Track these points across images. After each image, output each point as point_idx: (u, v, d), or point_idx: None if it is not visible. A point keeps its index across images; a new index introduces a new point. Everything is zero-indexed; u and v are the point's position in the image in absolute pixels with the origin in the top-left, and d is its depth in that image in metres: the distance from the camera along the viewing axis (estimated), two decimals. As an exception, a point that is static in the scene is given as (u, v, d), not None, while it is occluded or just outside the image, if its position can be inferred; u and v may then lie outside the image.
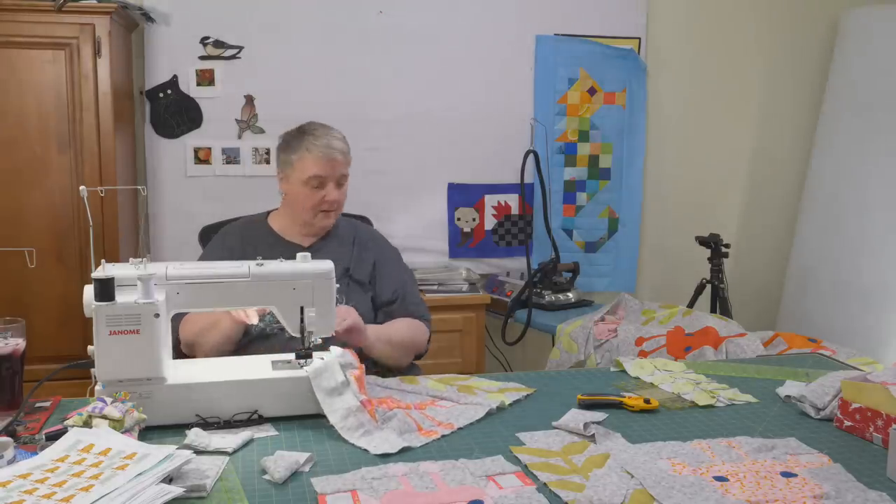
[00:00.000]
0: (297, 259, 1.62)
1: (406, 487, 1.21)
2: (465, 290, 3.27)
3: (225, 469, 1.27)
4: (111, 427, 1.30)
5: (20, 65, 2.67)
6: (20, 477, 1.15)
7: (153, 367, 1.44)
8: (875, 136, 3.38)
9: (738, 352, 2.28)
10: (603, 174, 3.64)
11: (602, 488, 1.21)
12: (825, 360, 2.01)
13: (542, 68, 3.50)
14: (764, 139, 3.85)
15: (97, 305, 1.41)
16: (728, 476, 1.26)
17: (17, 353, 1.49)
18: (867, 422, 1.43)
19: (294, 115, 3.20)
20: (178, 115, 3.17)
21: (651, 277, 3.78)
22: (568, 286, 3.34)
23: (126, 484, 1.12)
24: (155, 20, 3.09)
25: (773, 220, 3.90)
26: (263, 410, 1.49)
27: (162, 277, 1.51)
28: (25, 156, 2.71)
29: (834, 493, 1.20)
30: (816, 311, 3.48)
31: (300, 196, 2.06)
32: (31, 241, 2.63)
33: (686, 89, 3.71)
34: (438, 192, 3.49)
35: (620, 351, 2.57)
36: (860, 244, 3.38)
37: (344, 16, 3.28)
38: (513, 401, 1.63)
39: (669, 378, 1.77)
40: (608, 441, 1.40)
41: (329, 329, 1.64)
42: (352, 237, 2.18)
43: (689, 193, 3.79)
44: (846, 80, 3.53)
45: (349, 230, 2.21)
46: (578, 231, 3.66)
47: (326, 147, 2.04)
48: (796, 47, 3.79)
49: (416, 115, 3.40)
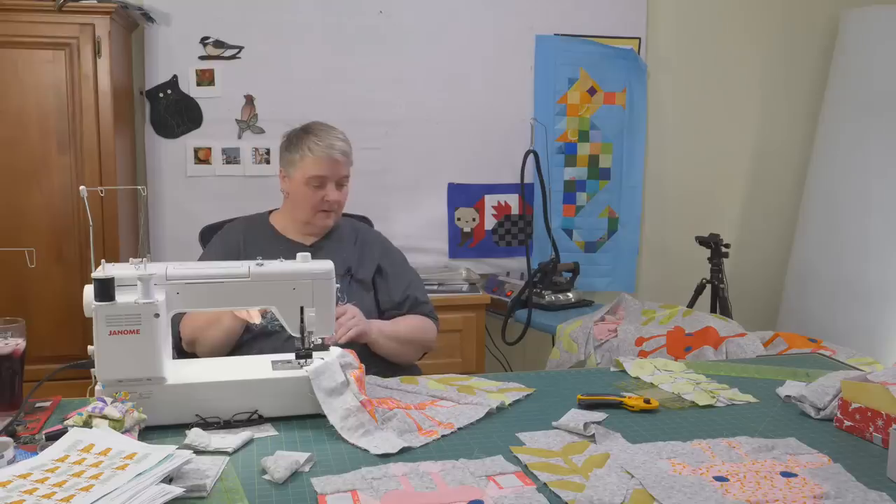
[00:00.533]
0: (297, 259, 1.62)
1: (406, 487, 1.21)
2: (465, 290, 3.27)
3: (225, 469, 1.27)
4: (111, 427, 1.30)
5: (20, 65, 2.67)
6: (20, 477, 1.15)
7: (153, 367, 1.44)
8: (875, 135, 3.38)
9: (738, 352, 2.28)
10: (603, 174, 3.64)
11: (602, 488, 1.21)
12: (825, 360, 2.01)
13: (542, 68, 3.50)
14: (764, 139, 3.85)
15: (97, 305, 1.41)
16: (728, 476, 1.26)
17: (17, 353, 1.49)
18: (867, 422, 1.43)
19: (294, 115, 3.21)
20: (178, 115, 3.17)
21: (651, 277, 3.78)
22: (568, 286, 3.34)
23: (126, 484, 1.12)
24: (155, 20, 3.09)
25: (773, 219, 3.90)
26: (263, 410, 1.49)
27: (162, 277, 1.51)
28: (25, 156, 2.71)
29: (834, 493, 1.20)
30: (816, 311, 3.48)
31: (301, 195, 2.08)
32: (31, 241, 2.63)
33: (686, 89, 3.71)
34: (438, 192, 3.49)
35: (620, 351, 2.57)
36: (860, 244, 3.38)
37: (344, 16, 3.28)
38: (513, 401, 1.63)
39: (669, 378, 1.77)
40: (608, 441, 1.40)
41: (329, 329, 1.64)
42: (354, 237, 2.19)
43: (689, 193, 3.79)
44: (846, 80, 3.53)
45: (351, 230, 2.22)
46: (578, 231, 3.66)
47: (328, 148, 2.06)
48: (796, 47, 3.79)
49: (416, 115, 3.40)
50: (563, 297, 3.27)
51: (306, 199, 2.07)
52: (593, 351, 2.69)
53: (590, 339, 2.72)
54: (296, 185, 2.08)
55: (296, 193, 2.09)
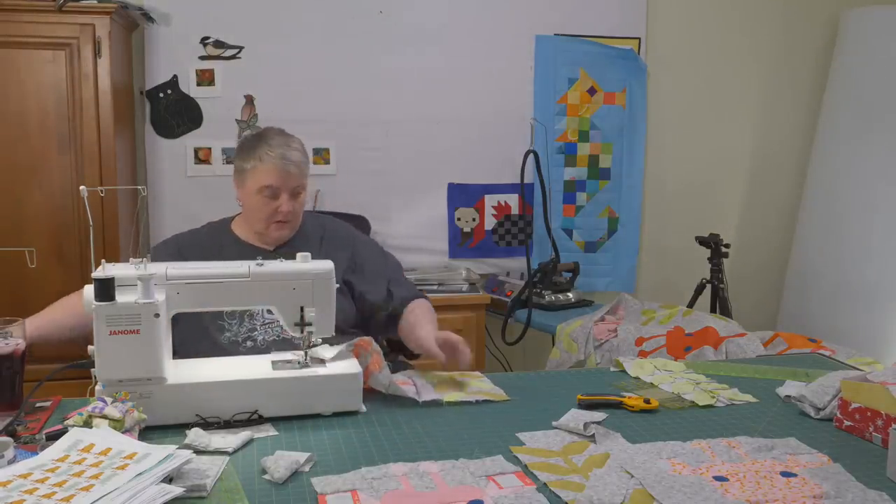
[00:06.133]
0: (297, 259, 1.63)
1: (406, 487, 1.21)
2: (465, 290, 3.27)
3: (225, 469, 1.27)
4: (111, 427, 1.30)
5: (20, 65, 2.67)
6: (20, 477, 1.15)
7: (153, 367, 1.44)
8: (875, 135, 3.38)
9: (738, 352, 2.28)
10: (603, 174, 3.64)
11: (602, 488, 1.21)
12: (825, 360, 2.01)
13: (542, 68, 3.50)
14: (764, 139, 3.85)
15: (97, 305, 1.41)
16: (728, 476, 1.26)
17: (17, 353, 1.49)
18: (867, 422, 1.43)
19: (294, 115, 3.25)
20: (178, 115, 3.18)
21: (651, 277, 3.78)
22: (568, 286, 3.34)
23: (126, 484, 1.12)
24: (155, 20, 3.09)
25: (773, 220, 3.90)
26: (263, 410, 1.49)
27: (162, 277, 1.51)
28: (25, 156, 2.71)
29: (834, 492, 1.20)
30: (816, 311, 3.48)
31: (253, 205, 2.00)
32: (31, 241, 2.63)
33: (686, 89, 3.71)
34: (438, 192, 3.49)
35: (620, 351, 2.57)
36: (860, 244, 3.38)
37: (344, 16, 3.28)
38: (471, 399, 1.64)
39: (669, 378, 1.77)
40: (608, 441, 1.40)
41: (329, 329, 1.64)
42: (319, 236, 2.11)
43: (689, 193, 3.79)
44: (846, 80, 3.53)
45: (316, 228, 2.13)
46: (578, 231, 3.66)
47: (280, 158, 1.97)
48: (796, 47, 3.79)
49: (416, 115, 3.40)
50: (563, 297, 3.27)
51: (259, 210, 1.98)
52: (593, 351, 2.69)
53: (590, 339, 2.72)
54: (249, 195, 2.00)
55: (248, 203, 2.01)
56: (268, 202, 1.98)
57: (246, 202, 2.03)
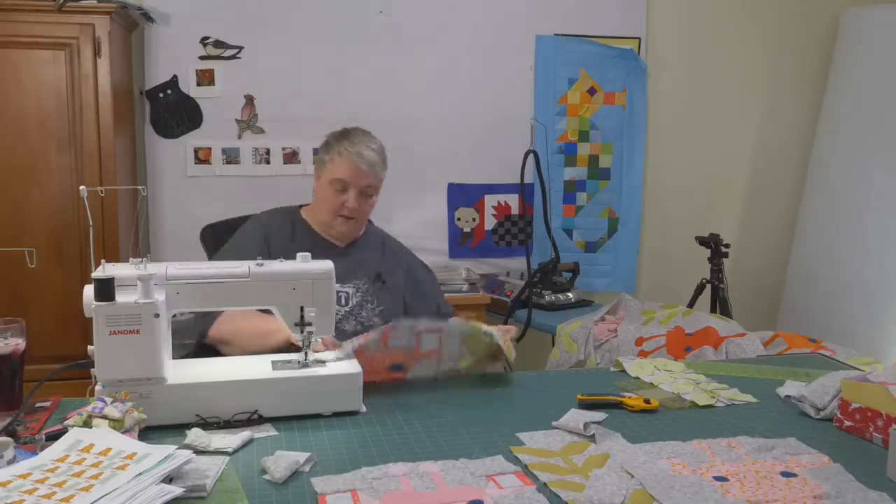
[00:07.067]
0: (297, 259, 1.63)
1: (406, 487, 1.21)
2: (465, 290, 3.27)
3: (225, 469, 1.27)
4: (111, 427, 1.30)
5: (20, 65, 2.67)
6: (20, 477, 1.15)
7: (153, 367, 1.44)
8: (875, 135, 3.38)
9: (738, 352, 2.28)
10: (603, 174, 3.64)
11: (602, 488, 1.21)
12: (825, 360, 2.01)
13: (542, 68, 3.50)
14: (764, 139, 3.85)
15: (97, 305, 1.41)
16: (728, 476, 1.26)
17: (17, 353, 1.49)
18: (867, 422, 1.43)
19: (294, 115, 3.25)
20: (178, 115, 3.18)
21: (651, 277, 3.78)
22: (568, 286, 3.34)
23: (126, 484, 1.12)
24: (155, 20, 3.09)
25: (773, 220, 3.90)
26: (263, 410, 1.49)
27: (162, 277, 1.51)
28: (25, 156, 2.71)
29: (834, 493, 1.20)
30: (817, 311, 3.48)
31: (323, 196, 2.13)
32: (31, 241, 2.63)
33: (686, 89, 3.71)
34: (438, 192, 3.50)
35: (620, 351, 2.57)
36: (861, 244, 3.38)
37: (344, 16, 3.28)
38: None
39: (669, 378, 1.77)
40: (608, 441, 1.40)
41: (329, 329, 1.64)
42: (380, 243, 2.26)
43: (689, 193, 3.79)
44: (846, 80, 3.53)
45: (377, 236, 2.29)
46: (578, 231, 3.66)
47: (357, 155, 2.09)
48: (796, 47, 3.79)
49: (417, 115, 3.40)
50: (563, 297, 3.27)
51: (328, 200, 2.11)
52: (593, 351, 2.69)
53: (590, 339, 2.73)
54: (321, 185, 2.13)
55: (320, 193, 2.14)
56: (336, 195, 2.09)
57: (318, 192, 2.15)
